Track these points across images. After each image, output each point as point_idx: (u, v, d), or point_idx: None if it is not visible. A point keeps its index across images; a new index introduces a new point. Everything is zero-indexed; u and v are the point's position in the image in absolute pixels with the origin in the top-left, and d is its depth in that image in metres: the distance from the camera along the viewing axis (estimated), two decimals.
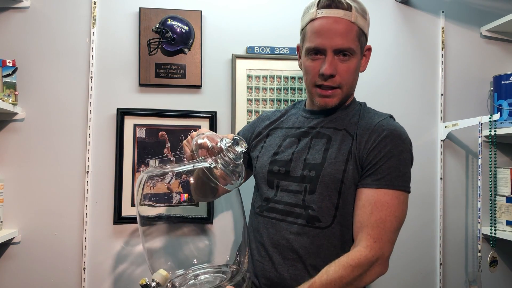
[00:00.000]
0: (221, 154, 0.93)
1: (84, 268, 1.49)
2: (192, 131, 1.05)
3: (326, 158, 0.99)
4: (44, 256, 1.48)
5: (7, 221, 1.46)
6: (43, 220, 1.48)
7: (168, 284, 0.97)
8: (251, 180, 1.21)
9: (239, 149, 0.95)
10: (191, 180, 1.11)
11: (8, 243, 1.46)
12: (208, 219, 1.55)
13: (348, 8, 0.98)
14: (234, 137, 0.95)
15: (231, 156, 0.94)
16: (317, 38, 0.98)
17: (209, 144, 0.94)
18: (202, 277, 1.05)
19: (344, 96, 1.04)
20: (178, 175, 1.17)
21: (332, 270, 0.91)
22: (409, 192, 0.98)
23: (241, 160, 0.97)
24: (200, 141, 0.95)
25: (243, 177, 1.00)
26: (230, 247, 1.51)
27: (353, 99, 1.11)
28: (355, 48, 0.99)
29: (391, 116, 1.07)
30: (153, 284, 0.93)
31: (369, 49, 1.07)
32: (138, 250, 1.53)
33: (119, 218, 1.50)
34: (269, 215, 1.05)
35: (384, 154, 0.95)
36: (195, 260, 1.13)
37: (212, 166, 0.94)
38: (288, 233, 1.00)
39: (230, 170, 0.95)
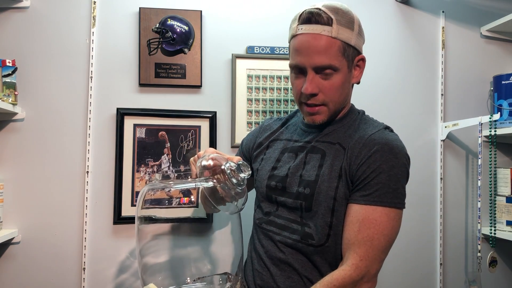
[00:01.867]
0: (223, 177, 0.93)
1: (84, 268, 1.49)
2: (189, 149, 1.06)
3: (320, 175, 0.98)
4: (44, 256, 1.48)
5: (7, 221, 1.46)
6: (43, 220, 1.48)
7: None
8: (253, 190, 1.21)
9: (243, 175, 0.94)
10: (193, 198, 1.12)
11: (8, 243, 1.46)
12: (208, 219, 1.54)
13: (328, 22, 0.93)
14: (238, 163, 0.95)
15: (234, 182, 0.93)
16: (297, 56, 0.95)
17: (213, 167, 0.94)
18: None
19: (332, 112, 1.01)
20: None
21: None
22: (401, 208, 0.95)
23: (244, 186, 0.96)
24: (204, 163, 0.95)
25: (244, 202, 1.00)
26: (230, 265, 1.52)
27: (349, 108, 1.07)
28: (338, 64, 0.94)
29: (387, 127, 1.02)
30: None
31: (363, 59, 1.01)
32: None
33: (119, 218, 1.50)
34: (266, 227, 1.05)
35: (373, 169, 0.92)
36: (188, 278, 1.14)
37: (215, 186, 0.94)
38: (283, 246, 1.01)
39: (232, 195, 0.95)
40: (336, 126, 1.04)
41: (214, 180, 0.93)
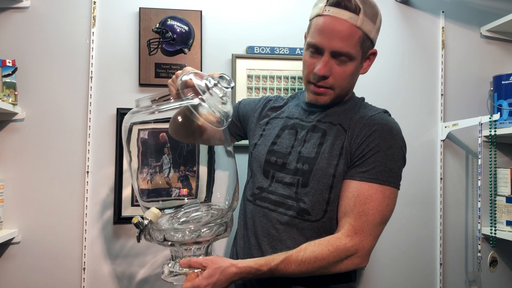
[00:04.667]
0: (207, 92, 0.92)
1: (84, 268, 1.49)
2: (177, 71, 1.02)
3: (320, 153, 0.99)
4: (44, 256, 1.48)
5: (7, 221, 1.46)
6: (43, 220, 1.48)
7: (160, 223, 0.98)
8: (243, 165, 1.20)
9: (225, 85, 0.94)
10: (178, 118, 1.07)
11: (8, 243, 1.46)
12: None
13: (356, 10, 0.93)
14: (221, 74, 0.95)
15: (218, 94, 0.93)
16: (318, 36, 0.96)
17: (195, 81, 0.93)
18: (193, 214, 1.07)
19: (336, 96, 1.03)
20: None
21: (310, 249, 0.91)
22: (396, 188, 0.97)
23: (228, 99, 0.97)
24: (185, 77, 0.94)
25: (230, 116, 1.00)
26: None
27: (351, 95, 1.10)
28: (355, 54, 0.96)
29: (385, 111, 1.06)
30: (146, 222, 0.94)
31: (374, 53, 1.04)
32: (138, 250, 1.53)
33: (119, 218, 1.50)
34: (261, 204, 1.05)
35: (371, 147, 0.95)
36: (186, 199, 1.15)
37: (197, 103, 0.92)
38: (278, 223, 1.01)
39: (217, 109, 0.95)
40: (337, 109, 1.06)
41: (199, 97, 0.91)
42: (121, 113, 1.51)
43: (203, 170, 1.50)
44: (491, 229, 1.63)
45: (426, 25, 1.74)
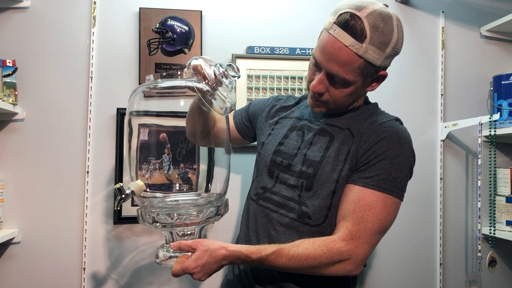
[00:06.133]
0: (215, 78, 0.94)
1: (84, 268, 1.49)
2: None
3: (325, 157, 0.98)
4: (44, 256, 1.48)
5: (7, 221, 1.46)
6: (43, 220, 1.48)
7: (145, 202, 0.99)
8: (250, 164, 1.21)
9: (233, 74, 0.95)
10: (192, 109, 1.11)
11: (8, 243, 1.46)
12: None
13: (361, 37, 0.87)
14: (229, 63, 0.96)
15: (225, 82, 0.95)
16: (319, 53, 0.94)
17: (204, 65, 0.94)
18: (182, 200, 1.07)
19: (333, 109, 1.02)
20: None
21: (303, 246, 0.90)
22: (399, 198, 0.94)
23: (234, 87, 0.98)
24: (194, 62, 0.95)
25: (234, 104, 1.00)
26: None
27: (363, 100, 1.08)
28: (351, 80, 0.92)
29: (397, 119, 1.04)
30: (128, 191, 0.93)
31: (384, 76, 0.99)
32: (138, 250, 1.53)
33: (119, 218, 1.50)
34: (264, 204, 1.05)
35: (377, 154, 0.93)
36: (177, 185, 1.16)
37: (205, 89, 0.94)
38: (278, 224, 1.01)
39: (223, 96, 0.96)
40: (348, 115, 1.04)
41: (205, 81, 0.93)
42: (121, 113, 1.51)
43: (202, 167, 1.51)
44: (490, 229, 1.63)
45: (426, 25, 1.75)
